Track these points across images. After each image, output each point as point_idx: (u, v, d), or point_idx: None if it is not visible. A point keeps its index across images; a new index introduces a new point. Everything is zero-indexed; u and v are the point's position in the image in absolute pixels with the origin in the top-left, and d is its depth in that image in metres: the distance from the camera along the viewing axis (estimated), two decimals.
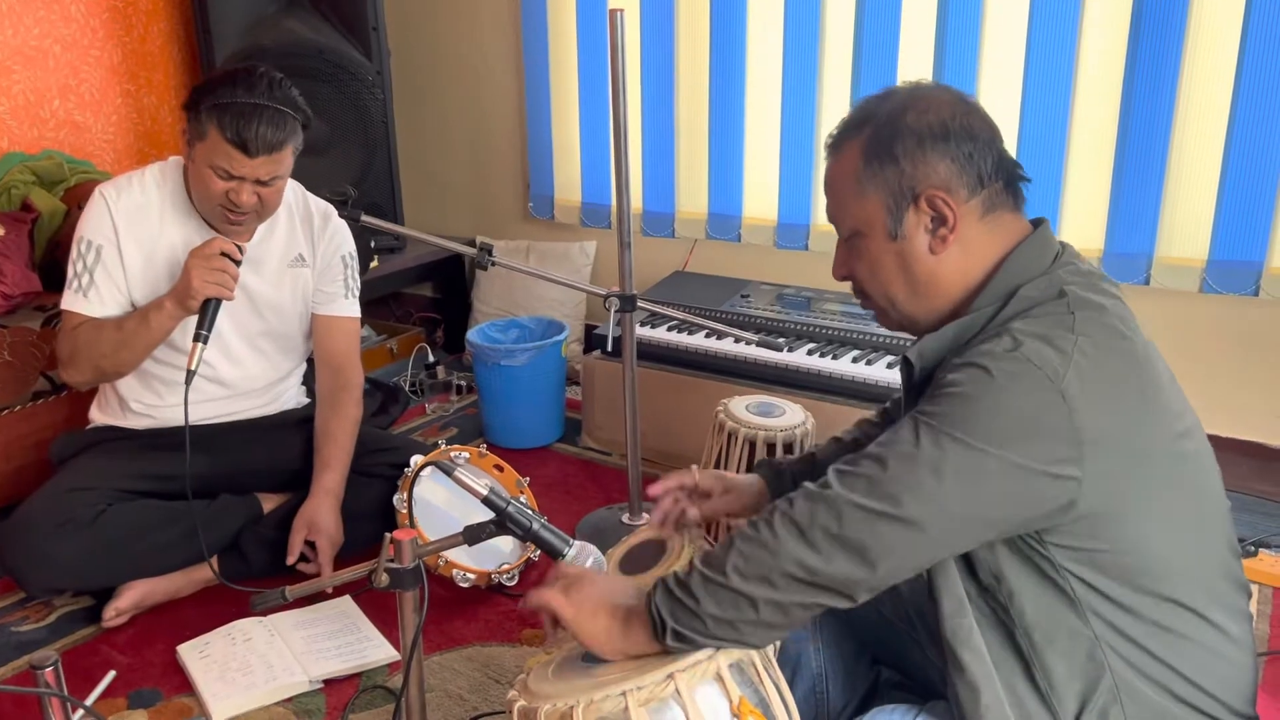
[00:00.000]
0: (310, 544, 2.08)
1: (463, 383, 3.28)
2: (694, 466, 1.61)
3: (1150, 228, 2.49)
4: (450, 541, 1.41)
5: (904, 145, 1.18)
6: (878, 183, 1.20)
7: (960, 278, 1.21)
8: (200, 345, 1.90)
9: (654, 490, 1.58)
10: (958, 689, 1.17)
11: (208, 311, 1.91)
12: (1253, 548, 2.16)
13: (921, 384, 1.22)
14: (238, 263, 1.95)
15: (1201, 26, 2.36)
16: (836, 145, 1.26)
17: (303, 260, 2.20)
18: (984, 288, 1.19)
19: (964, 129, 1.18)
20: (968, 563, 1.16)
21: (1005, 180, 1.21)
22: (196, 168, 1.94)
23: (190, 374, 1.90)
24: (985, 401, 1.07)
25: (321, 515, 2.09)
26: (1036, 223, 1.24)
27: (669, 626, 1.15)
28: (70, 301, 2.03)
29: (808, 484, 1.15)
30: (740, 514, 1.60)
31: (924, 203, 1.19)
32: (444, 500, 2.19)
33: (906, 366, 1.24)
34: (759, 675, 1.20)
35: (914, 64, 2.70)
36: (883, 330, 2.60)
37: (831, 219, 1.29)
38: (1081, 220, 2.60)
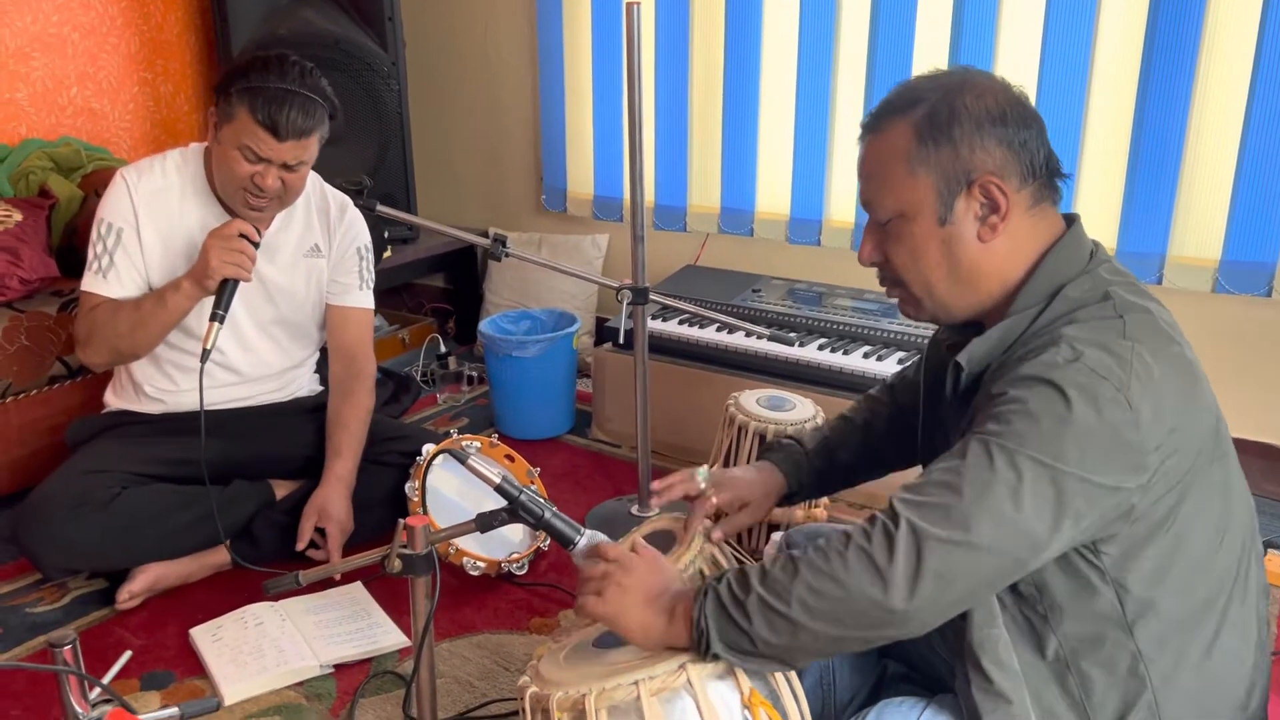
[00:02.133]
0: (320, 531, 2.10)
1: (474, 373, 3.29)
2: (700, 478, 1.55)
3: (1163, 227, 2.49)
4: (463, 528, 1.42)
5: (962, 127, 1.15)
6: (931, 164, 1.17)
7: (1000, 270, 1.19)
8: (216, 325, 1.92)
9: (658, 485, 1.55)
10: (975, 696, 1.15)
11: (224, 292, 1.93)
12: (1263, 548, 2.16)
13: (968, 389, 1.21)
14: (256, 245, 1.97)
15: (1218, 26, 2.35)
16: (877, 125, 1.22)
17: (318, 251, 2.21)
18: (1023, 286, 1.18)
19: (1019, 117, 1.17)
20: None
21: (1051, 173, 1.20)
22: (223, 149, 1.95)
23: (205, 353, 1.92)
24: (1057, 418, 1.05)
25: (332, 502, 2.10)
26: (1069, 218, 1.24)
27: (712, 647, 1.13)
28: (89, 283, 2.05)
29: (879, 515, 1.10)
30: (759, 521, 1.58)
31: (977, 189, 1.16)
32: (455, 490, 2.20)
33: (955, 370, 1.22)
34: None
35: (929, 61, 2.70)
36: (894, 326, 2.60)
37: (868, 201, 1.24)
38: (1095, 219, 2.59)
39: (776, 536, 1.75)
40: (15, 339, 2.40)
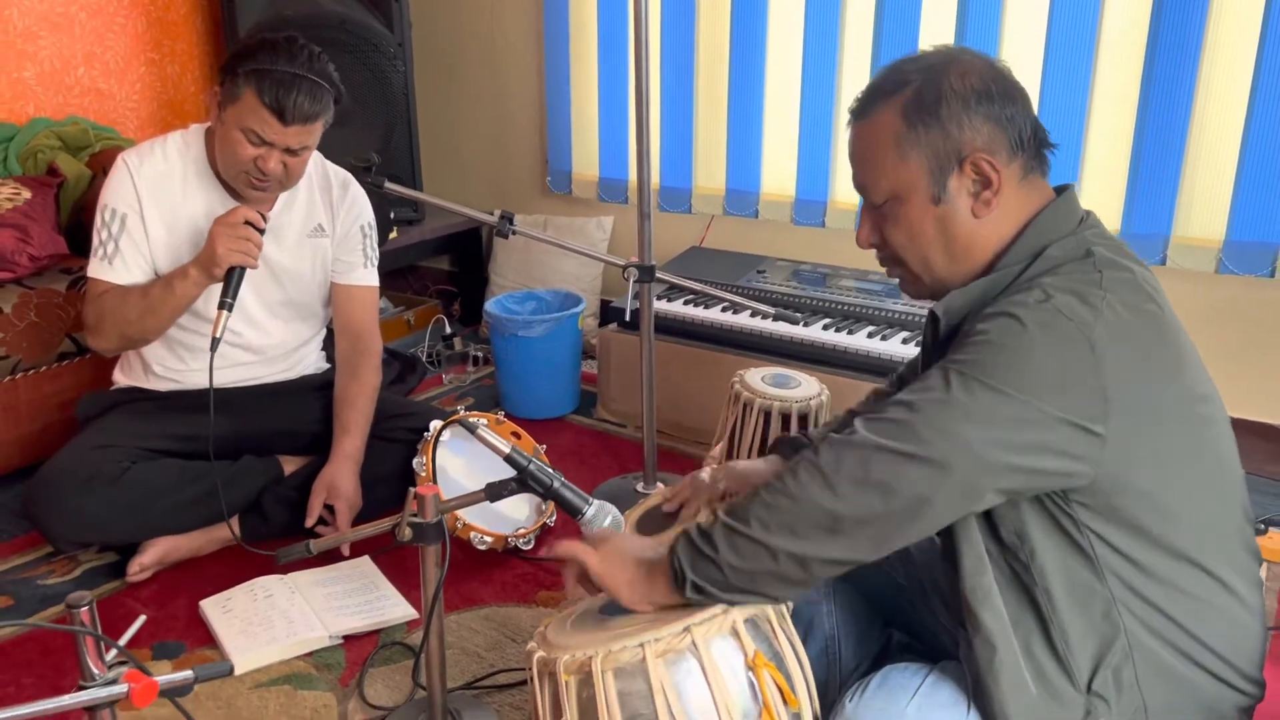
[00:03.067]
0: (329, 508, 2.11)
1: (479, 354, 3.31)
2: (710, 466, 1.58)
3: (1168, 208, 2.50)
4: (473, 497, 1.44)
5: (949, 107, 1.18)
6: (921, 146, 1.19)
7: (994, 240, 1.22)
8: (225, 313, 1.90)
9: (670, 507, 1.60)
10: (974, 647, 1.18)
11: (232, 279, 1.92)
12: (1263, 526, 2.18)
13: (945, 340, 1.23)
14: (261, 231, 1.96)
15: (1223, 7, 2.35)
16: (866, 109, 1.25)
17: (322, 230, 2.22)
18: (1010, 247, 1.20)
19: (1004, 92, 1.19)
20: (990, 522, 1.17)
21: (1039, 143, 1.22)
22: (225, 130, 1.95)
23: (215, 341, 1.90)
24: (1016, 349, 1.08)
25: (341, 479, 2.12)
26: (1061, 189, 1.25)
27: (688, 577, 1.16)
28: (96, 269, 2.05)
29: (833, 434, 1.15)
30: None
31: (969, 166, 1.19)
32: (461, 469, 2.21)
33: (932, 322, 1.25)
34: (773, 631, 1.22)
35: (935, 41, 2.69)
36: (898, 306, 2.61)
37: (861, 186, 1.27)
38: (1099, 199, 2.60)
39: None
40: (25, 315, 2.41)
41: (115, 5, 3.15)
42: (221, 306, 1.91)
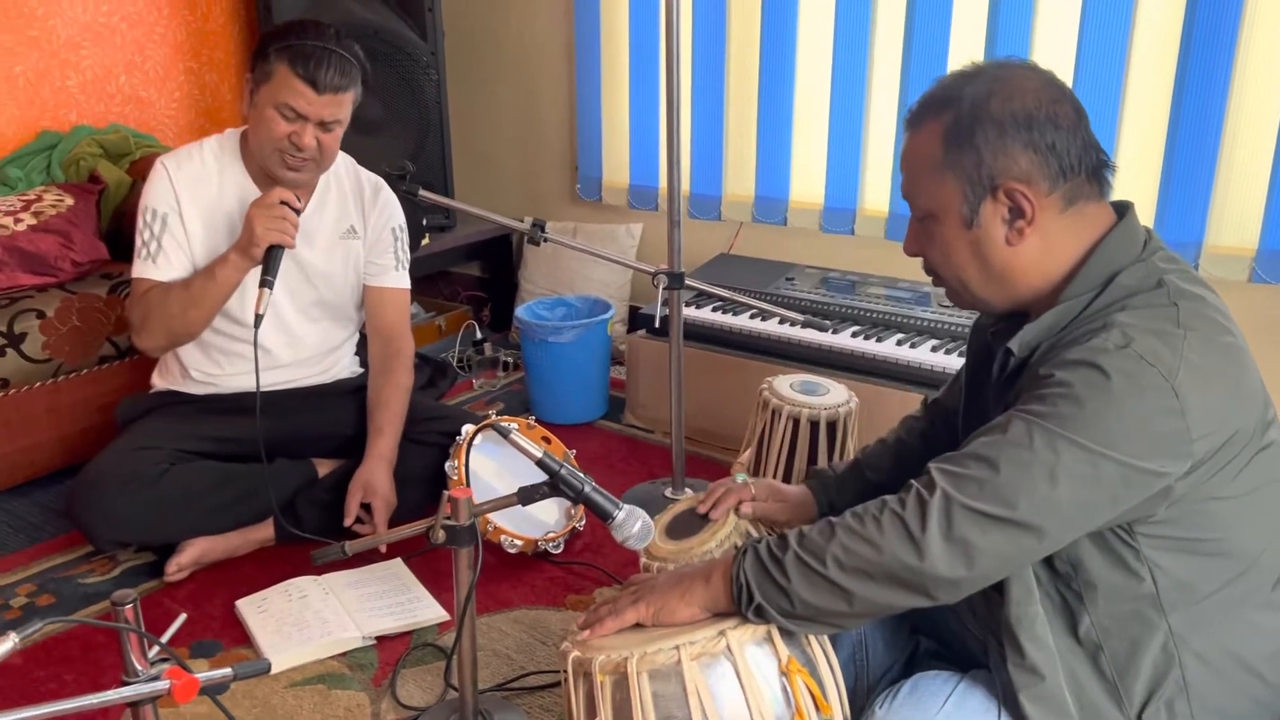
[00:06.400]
0: (365, 506, 2.14)
1: (509, 359, 3.33)
2: (740, 472, 1.59)
3: (1200, 216, 2.48)
4: (506, 501, 1.46)
5: (985, 134, 1.16)
6: (957, 170, 1.18)
7: (1038, 267, 1.20)
8: (267, 291, 1.94)
9: (709, 510, 1.60)
10: (1011, 671, 1.18)
11: (271, 259, 1.98)
12: None
13: (1014, 371, 1.22)
14: (298, 212, 2.01)
15: (1257, 13, 2.34)
16: (917, 121, 1.23)
17: (354, 232, 2.26)
18: (1075, 275, 1.18)
19: (1049, 118, 1.16)
20: None
21: (1091, 169, 1.19)
22: (260, 112, 2.00)
23: (258, 318, 1.93)
24: (1101, 403, 1.06)
25: (377, 478, 2.14)
26: (1121, 206, 1.24)
27: (755, 601, 1.17)
28: (140, 269, 2.10)
29: (914, 482, 1.13)
30: (786, 525, 1.61)
31: (1002, 194, 1.17)
32: (492, 473, 2.24)
33: (1004, 355, 1.23)
34: (806, 637, 1.23)
35: (965, 47, 2.70)
36: (927, 314, 2.61)
37: (905, 196, 1.27)
38: None
39: None
40: (67, 320, 2.46)
41: (155, 15, 3.21)
42: (263, 284, 1.95)
